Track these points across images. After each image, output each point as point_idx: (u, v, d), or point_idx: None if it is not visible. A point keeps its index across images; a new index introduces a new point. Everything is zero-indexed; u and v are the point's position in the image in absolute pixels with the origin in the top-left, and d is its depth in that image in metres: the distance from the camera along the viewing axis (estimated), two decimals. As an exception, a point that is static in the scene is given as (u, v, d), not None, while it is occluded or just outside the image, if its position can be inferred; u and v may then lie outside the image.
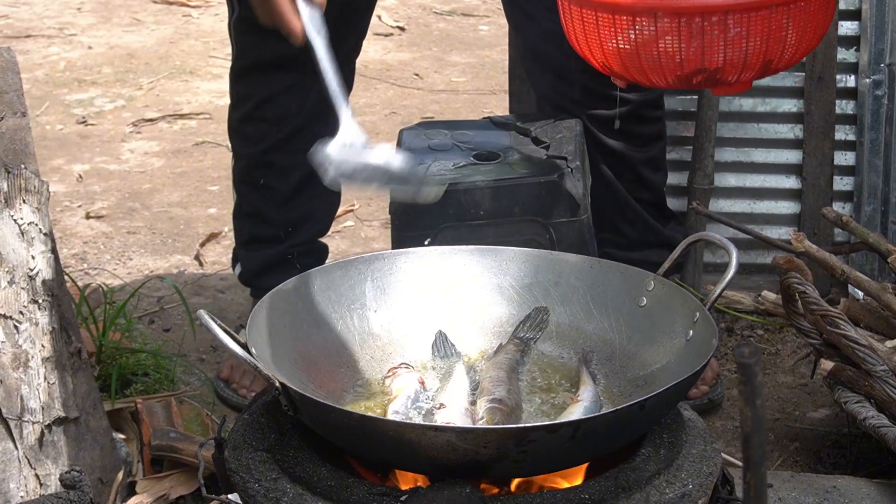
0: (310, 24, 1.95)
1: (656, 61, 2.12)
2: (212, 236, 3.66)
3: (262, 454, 1.74)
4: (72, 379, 2.18)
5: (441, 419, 1.74)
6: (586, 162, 2.52)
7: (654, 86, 2.19)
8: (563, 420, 1.73)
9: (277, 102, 2.74)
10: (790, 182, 3.12)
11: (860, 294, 2.71)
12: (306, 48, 2.69)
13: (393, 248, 2.34)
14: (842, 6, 3.00)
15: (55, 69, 5.12)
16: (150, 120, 4.60)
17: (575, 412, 1.77)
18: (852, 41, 3.03)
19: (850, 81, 3.05)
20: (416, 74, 4.99)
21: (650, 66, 2.13)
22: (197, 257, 3.54)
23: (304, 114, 2.75)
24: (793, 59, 2.17)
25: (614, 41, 2.12)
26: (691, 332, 1.83)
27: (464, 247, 2.04)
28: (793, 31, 2.11)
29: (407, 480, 1.73)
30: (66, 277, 2.27)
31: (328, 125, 2.82)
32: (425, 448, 1.59)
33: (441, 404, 1.78)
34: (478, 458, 1.59)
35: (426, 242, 2.31)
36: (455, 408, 1.77)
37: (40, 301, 2.13)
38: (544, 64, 2.69)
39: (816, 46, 2.21)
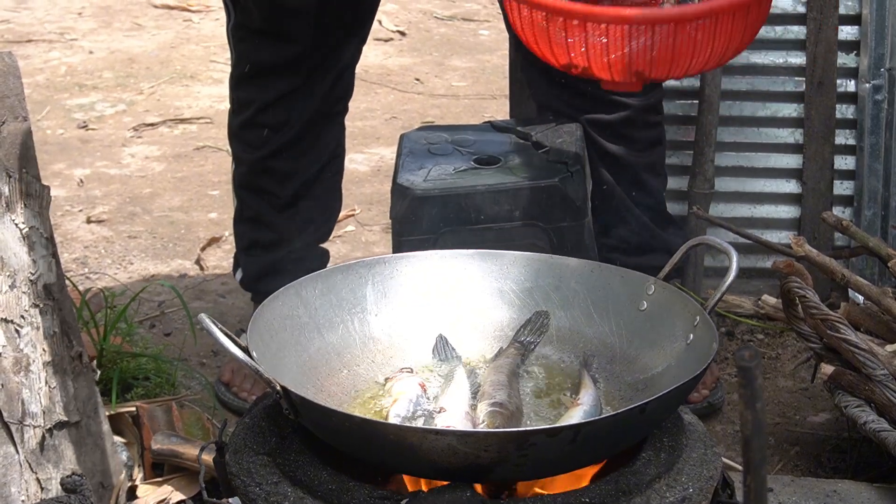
0: None
1: (535, 45, 2.24)
2: (213, 240, 3.66)
3: (263, 458, 1.74)
4: (73, 383, 2.18)
5: (441, 423, 1.74)
6: (587, 166, 2.52)
7: (555, 66, 2.25)
8: (563, 424, 1.73)
9: (278, 108, 2.74)
10: (790, 186, 3.12)
11: (860, 298, 2.71)
12: (308, 53, 2.70)
13: (394, 252, 2.34)
14: (842, 11, 3.01)
15: (56, 74, 5.13)
16: (151, 124, 4.60)
17: (575, 416, 1.77)
18: (852, 46, 3.03)
19: (851, 86, 3.05)
20: (417, 79, 5.00)
21: (536, 49, 2.24)
22: (198, 262, 3.54)
23: (304, 120, 2.75)
24: (672, 74, 2.18)
25: (524, 26, 2.23)
26: (692, 335, 1.83)
27: (464, 251, 2.04)
28: (662, 49, 2.12)
29: (408, 484, 1.73)
30: (66, 282, 2.27)
31: (329, 131, 2.84)
32: (426, 451, 1.59)
33: (441, 408, 1.79)
34: (478, 462, 1.59)
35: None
36: (455, 411, 1.77)
37: (41, 305, 2.13)
38: (543, 69, 2.69)
39: (714, 66, 2.23)
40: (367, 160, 4.24)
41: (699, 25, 2.11)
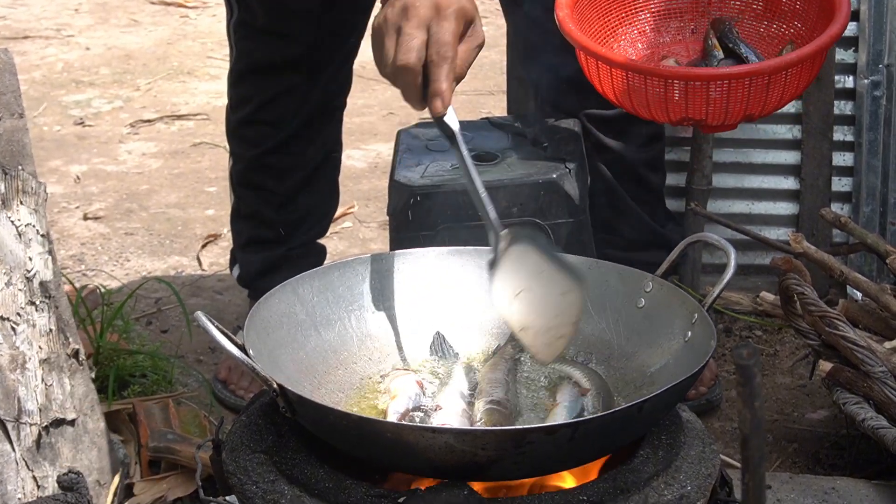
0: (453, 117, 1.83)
1: (646, 107, 2.39)
2: (210, 237, 3.66)
3: (260, 456, 1.73)
4: (69, 380, 2.17)
5: (437, 421, 1.74)
6: (585, 162, 2.51)
7: (653, 119, 2.48)
8: (559, 423, 1.72)
9: (277, 105, 2.74)
10: (788, 183, 3.11)
11: (859, 295, 2.71)
12: (310, 52, 2.69)
13: (391, 249, 2.34)
14: (840, 7, 3.00)
15: (53, 70, 5.12)
16: (148, 121, 4.60)
17: (559, 415, 1.76)
18: (851, 42, 3.02)
19: (849, 82, 3.04)
20: (415, 75, 4.98)
21: (642, 108, 2.42)
22: (196, 258, 3.54)
23: (303, 116, 2.75)
24: (775, 109, 2.44)
25: (615, 85, 2.41)
26: (689, 333, 1.83)
27: (462, 247, 2.04)
28: (774, 93, 2.35)
29: (405, 483, 1.73)
30: (63, 279, 2.27)
31: (327, 127, 2.84)
32: (423, 449, 1.59)
33: (437, 406, 1.78)
34: (476, 460, 1.59)
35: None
36: (451, 409, 1.77)
37: (38, 302, 2.12)
38: (543, 64, 2.69)
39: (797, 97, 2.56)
40: (365, 156, 4.24)
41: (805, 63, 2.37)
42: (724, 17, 2.62)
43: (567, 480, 1.73)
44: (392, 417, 1.75)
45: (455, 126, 1.80)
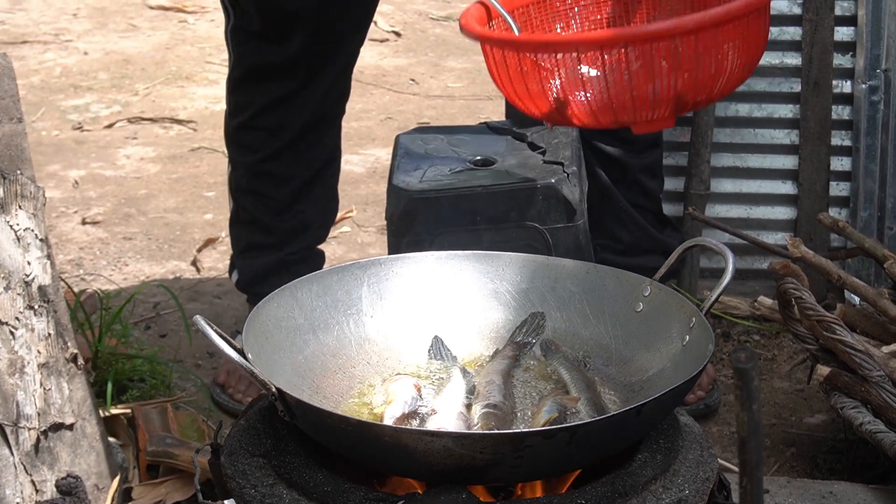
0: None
1: (563, 112, 2.03)
2: (208, 242, 3.66)
3: (259, 460, 1.73)
4: (68, 385, 2.17)
5: (433, 424, 1.74)
6: (582, 167, 2.52)
7: (581, 125, 2.08)
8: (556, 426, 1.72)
9: (275, 111, 2.73)
10: (786, 187, 3.12)
11: (856, 299, 2.71)
12: (307, 57, 2.68)
13: (389, 253, 2.34)
14: (838, 12, 3.00)
15: (51, 75, 5.12)
16: (147, 120, 4.59)
17: (540, 419, 1.76)
18: (848, 46, 3.03)
19: (847, 87, 3.05)
20: (412, 80, 4.99)
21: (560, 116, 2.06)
22: (194, 263, 3.54)
23: (302, 123, 2.74)
24: (711, 93, 2.01)
25: (530, 90, 2.05)
26: (688, 337, 1.83)
27: (460, 252, 2.04)
28: (704, 66, 1.95)
29: (403, 486, 1.73)
30: (61, 283, 2.27)
31: (326, 134, 2.83)
32: (422, 453, 1.59)
33: (433, 409, 1.78)
34: (474, 464, 1.59)
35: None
36: (447, 413, 1.77)
37: (36, 307, 2.12)
38: None
39: (747, 78, 2.07)
40: (363, 161, 4.24)
41: (724, 31, 1.95)
42: None
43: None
44: (388, 421, 1.75)
45: None
